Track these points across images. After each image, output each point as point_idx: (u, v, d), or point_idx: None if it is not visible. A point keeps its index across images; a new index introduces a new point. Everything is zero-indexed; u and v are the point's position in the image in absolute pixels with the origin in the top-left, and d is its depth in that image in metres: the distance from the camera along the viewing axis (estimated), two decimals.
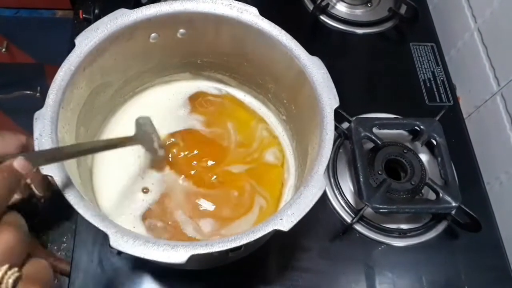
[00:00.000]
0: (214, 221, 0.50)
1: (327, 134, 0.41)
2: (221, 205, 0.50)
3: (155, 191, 0.51)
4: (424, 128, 0.62)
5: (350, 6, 0.78)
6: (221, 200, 0.51)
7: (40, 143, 0.38)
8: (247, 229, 0.37)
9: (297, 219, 0.37)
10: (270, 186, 0.53)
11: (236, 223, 0.50)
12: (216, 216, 0.50)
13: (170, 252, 0.35)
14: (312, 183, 0.39)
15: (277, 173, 0.54)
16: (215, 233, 0.49)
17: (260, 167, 0.54)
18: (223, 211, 0.50)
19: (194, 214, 0.49)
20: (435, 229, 0.60)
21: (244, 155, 0.54)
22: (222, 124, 0.56)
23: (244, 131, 0.56)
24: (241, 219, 0.50)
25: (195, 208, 0.50)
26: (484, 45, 0.70)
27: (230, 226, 0.50)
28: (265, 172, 0.54)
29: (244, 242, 0.36)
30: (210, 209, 0.50)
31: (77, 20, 0.74)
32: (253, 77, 0.55)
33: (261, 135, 0.56)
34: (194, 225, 0.49)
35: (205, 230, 0.49)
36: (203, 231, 0.49)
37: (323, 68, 0.45)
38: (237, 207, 0.51)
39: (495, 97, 0.67)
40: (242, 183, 0.52)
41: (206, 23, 0.48)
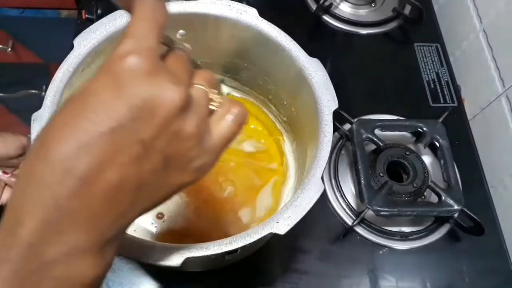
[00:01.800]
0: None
1: (325, 137, 0.41)
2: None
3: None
4: (427, 129, 0.62)
5: (353, 6, 0.78)
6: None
7: None
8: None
9: (294, 223, 0.37)
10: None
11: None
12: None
13: (166, 255, 0.35)
14: (309, 186, 0.39)
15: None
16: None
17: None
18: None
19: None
20: (438, 232, 0.59)
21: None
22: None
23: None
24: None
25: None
26: (490, 46, 0.69)
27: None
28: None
29: (240, 245, 0.36)
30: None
31: (80, 20, 0.74)
32: (254, 78, 0.54)
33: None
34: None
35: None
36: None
37: (322, 70, 0.44)
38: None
39: (500, 98, 0.66)
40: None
41: (205, 24, 0.48)
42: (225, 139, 0.27)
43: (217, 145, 0.27)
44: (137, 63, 0.22)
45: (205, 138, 0.26)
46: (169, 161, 0.24)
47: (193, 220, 0.52)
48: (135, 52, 0.22)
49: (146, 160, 0.23)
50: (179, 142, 0.24)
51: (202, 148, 0.25)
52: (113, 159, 0.22)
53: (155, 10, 0.24)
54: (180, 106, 0.23)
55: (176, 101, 0.23)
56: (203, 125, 0.25)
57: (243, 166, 0.55)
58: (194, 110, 0.24)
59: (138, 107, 0.22)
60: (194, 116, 0.24)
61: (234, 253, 0.38)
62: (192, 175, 0.26)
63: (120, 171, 0.22)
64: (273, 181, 0.55)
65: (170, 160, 0.24)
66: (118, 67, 0.22)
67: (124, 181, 0.22)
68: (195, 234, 0.51)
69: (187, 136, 0.24)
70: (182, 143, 0.24)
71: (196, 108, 0.25)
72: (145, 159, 0.23)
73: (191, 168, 0.26)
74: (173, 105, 0.23)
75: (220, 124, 0.27)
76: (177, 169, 0.25)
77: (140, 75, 0.22)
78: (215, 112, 0.27)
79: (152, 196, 0.25)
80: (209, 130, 0.26)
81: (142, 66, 0.22)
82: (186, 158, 0.25)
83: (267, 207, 0.54)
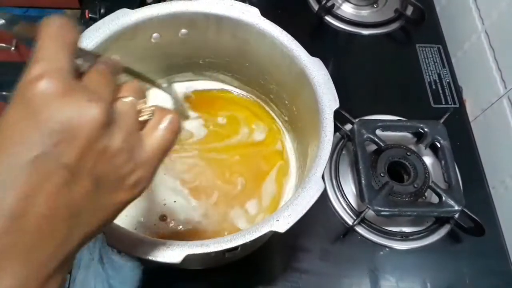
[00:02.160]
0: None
1: (326, 136, 0.41)
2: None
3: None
4: (428, 130, 0.62)
5: (356, 7, 0.78)
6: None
7: None
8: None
9: (294, 221, 0.37)
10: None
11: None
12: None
13: (166, 252, 0.35)
14: (310, 185, 0.39)
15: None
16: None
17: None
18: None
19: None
20: (438, 233, 0.59)
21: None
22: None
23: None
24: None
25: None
26: (491, 47, 0.69)
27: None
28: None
29: (240, 243, 0.36)
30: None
31: (83, 20, 0.74)
32: (255, 77, 0.55)
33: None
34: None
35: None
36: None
37: (323, 70, 0.45)
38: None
39: (502, 99, 0.66)
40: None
41: (207, 23, 0.48)
42: (160, 149, 0.26)
43: (151, 157, 0.26)
44: (48, 86, 0.21)
45: (136, 152, 0.25)
46: (100, 182, 0.23)
47: (201, 222, 0.52)
48: (45, 75, 0.21)
49: (75, 185, 0.22)
50: (107, 161, 0.23)
51: (134, 162, 0.25)
52: (39, 189, 0.21)
53: (61, 28, 0.23)
54: (101, 123, 0.22)
55: (96, 119, 0.22)
56: (131, 139, 0.25)
57: (248, 156, 0.56)
58: (119, 125, 0.24)
59: (56, 132, 0.21)
60: (120, 131, 0.24)
61: (234, 251, 0.39)
62: (129, 192, 0.25)
63: (49, 200, 0.21)
64: (278, 166, 0.56)
65: (101, 181, 0.23)
66: (29, 93, 0.21)
67: (55, 210, 0.22)
68: (203, 236, 0.51)
69: (114, 152, 0.23)
70: (110, 161, 0.23)
71: (122, 122, 0.24)
72: (74, 183, 0.22)
73: (127, 185, 0.25)
74: (93, 123, 0.22)
75: (152, 134, 0.26)
76: (111, 189, 0.24)
77: (54, 98, 0.21)
78: (147, 123, 0.26)
79: (91, 220, 0.24)
80: (141, 142, 0.26)
81: (54, 89, 0.21)
82: (118, 176, 0.24)
83: (272, 195, 0.54)
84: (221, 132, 0.56)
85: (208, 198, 0.53)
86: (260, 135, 0.57)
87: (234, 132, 0.57)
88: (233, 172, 0.55)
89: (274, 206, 0.53)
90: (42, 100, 0.21)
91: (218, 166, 0.55)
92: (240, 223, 0.52)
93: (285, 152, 0.56)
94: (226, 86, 0.59)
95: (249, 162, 0.55)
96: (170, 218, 0.52)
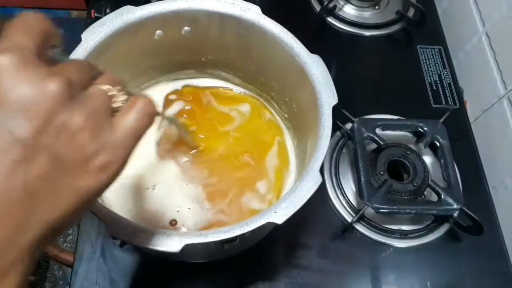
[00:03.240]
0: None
1: (324, 131, 0.42)
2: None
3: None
4: (427, 129, 0.62)
5: (358, 8, 0.79)
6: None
7: None
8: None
9: (291, 213, 0.38)
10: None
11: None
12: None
13: (166, 241, 0.36)
14: (308, 178, 0.39)
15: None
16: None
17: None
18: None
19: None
20: (437, 231, 0.60)
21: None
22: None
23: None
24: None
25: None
26: (492, 49, 0.70)
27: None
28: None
29: (237, 233, 0.37)
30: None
31: (89, 19, 0.76)
32: (256, 75, 0.55)
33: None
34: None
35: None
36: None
37: (322, 66, 0.45)
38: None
39: (502, 100, 0.67)
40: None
41: (210, 21, 0.49)
42: (131, 132, 0.25)
43: (121, 139, 0.24)
44: (6, 59, 0.20)
45: (103, 133, 0.23)
46: (60, 161, 0.22)
47: (215, 220, 0.52)
48: (6, 50, 0.21)
49: (32, 162, 0.20)
50: (68, 138, 0.22)
51: (100, 143, 0.23)
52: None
53: (33, 19, 0.23)
54: (60, 98, 0.21)
55: (55, 93, 0.21)
56: (97, 118, 0.23)
57: (247, 133, 0.57)
58: (84, 103, 0.23)
59: (11, 104, 0.20)
60: (84, 109, 0.22)
61: (233, 242, 0.39)
62: (95, 176, 0.23)
63: (1, 178, 0.20)
64: (277, 141, 0.57)
65: (62, 159, 0.22)
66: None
67: (8, 189, 0.20)
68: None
69: (76, 128, 0.22)
70: (71, 138, 0.22)
71: (88, 102, 0.23)
72: (30, 160, 0.20)
73: (92, 168, 0.23)
74: (51, 97, 0.21)
75: (123, 117, 0.25)
76: (74, 170, 0.22)
77: (11, 70, 0.20)
78: (120, 108, 0.26)
79: (51, 205, 0.22)
80: (110, 125, 0.24)
81: (13, 62, 0.21)
82: (82, 155, 0.22)
83: (275, 167, 0.55)
84: (213, 122, 0.57)
85: (223, 199, 0.53)
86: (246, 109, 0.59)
87: (227, 120, 0.58)
88: (238, 154, 0.55)
89: (279, 186, 0.54)
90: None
91: (224, 155, 0.55)
92: (254, 205, 0.52)
93: (285, 150, 0.57)
94: (227, 84, 0.60)
95: (250, 138, 0.57)
96: (180, 223, 0.51)
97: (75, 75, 0.23)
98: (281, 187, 0.53)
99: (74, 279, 0.53)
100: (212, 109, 0.58)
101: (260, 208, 0.52)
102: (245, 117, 0.58)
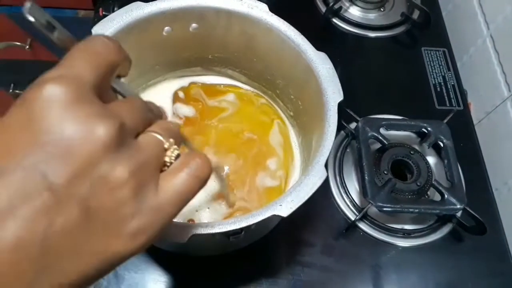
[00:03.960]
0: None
1: (329, 126, 0.42)
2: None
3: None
4: (431, 130, 0.63)
5: (363, 10, 0.79)
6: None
7: None
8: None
9: (296, 206, 0.38)
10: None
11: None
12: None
13: (173, 231, 0.36)
14: (313, 173, 0.40)
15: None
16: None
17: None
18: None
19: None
20: (440, 231, 0.60)
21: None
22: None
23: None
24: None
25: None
26: (496, 51, 0.70)
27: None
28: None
29: (243, 225, 0.37)
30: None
31: (97, 18, 0.76)
32: (262, 73, 0.56)
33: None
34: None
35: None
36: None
37: (329, 63, 0.46)
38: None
39: (506, 102, 0.67)
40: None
41: (217, 18, 0.50)
42: (178, 196, 0.22)
43: (164, 203, 0.21)
44: (56, 91, 0.18)
45: (147, 193, 0.20)
46: (92, 217, 0.18)
47: (236, 208, 0.52)
48: (58, 79, 0.18)
49: (58, 214, 0.17)
50: (106, 192, 0.19)
51: (140, 204, 0.20)
52: (12, 210, 0.17)
53: (101, 45, 0.21)
54: (107, 144, 0.18)
55: (101, 138, 0.18)
56: (143, 175, 0.20)
57: (246, 114, 0.58)
58: (132, 154, 0.20)
59: (49, 144, 0.18)
60: (130, 161, 0.19)
61: (238, 235, 0.40)
62: (127, 241, 0.20)
63: (20, 226, 0.17)
64: (276, 123, 0.58)
65: (93, 216, 0.18)
66: (32, 95, 0.18)
67: (23, 243, 0.17)
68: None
69: (117, 183, 0.19)
70: (110, 193, 0.19)
71: (137, 153, 0.20)
72: (57, 212, 0.17)
73: (126, 231, 0.20)
74: (97, 142, 0.18)
75: (172, 178, 0.22)
76: (105, 231, 0.19)
77: (58, 105, 0.18)
78: (169, 164, 0.22)
79: (71, 266, 0.18)
80: (155, 185, 0.21)
81: (62, 95, 0.18)
82: (117, 216, 0.19)
83: (280, 144, 0.56)
84: (213, 110, 0.58)
85: (243, 187, 0.53)
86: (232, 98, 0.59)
87: (219, 112, 0.58)
88: (238, 132, 0.56)
89: (287, 165, 0.55)
90: (44, 105, 0.18)
91: (229, 143, 0.56)
92: (267, 182, 0.53)
93: (290, 147, 0.57)
94: (233, 82, 0.60)
95: (249, 118, 0.58)
96: (197, 221, 0.50)
97: (129, 117, 0.20)
98: (285, 186, 0.54)
99: None
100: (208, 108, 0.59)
101: (273, 185, 0.53)
102: (236, 105, 0.59)
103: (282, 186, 0.53)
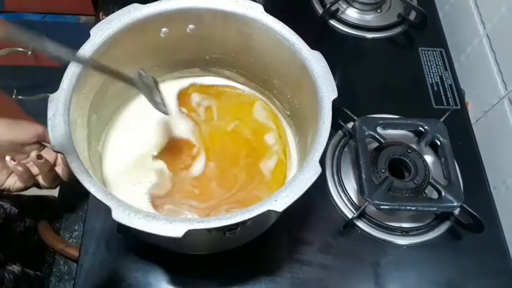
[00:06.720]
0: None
1: (324, 123, 0.43)
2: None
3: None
4: (428, 128, 0.63)
5: (360, 11, 0.80)
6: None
7: (53, 123, 0.41)
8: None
9: (291, 201, 0.38)
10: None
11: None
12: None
13: (168, 226, 0.37)
14: (308, 169, 0.40)
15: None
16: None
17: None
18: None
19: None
20: (438, 229, 0.60)
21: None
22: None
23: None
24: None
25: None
26: (493, 50, 0.71)
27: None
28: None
29: (239, 220, 0.37)
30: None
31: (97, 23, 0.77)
32: (259, 73, 0.57)
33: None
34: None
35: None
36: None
37: (323, 62, 0.47)
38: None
39: (503, 101, 0.67)
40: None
41: (214, 19, 0.51)
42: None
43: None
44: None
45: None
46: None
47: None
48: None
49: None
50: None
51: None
52: None
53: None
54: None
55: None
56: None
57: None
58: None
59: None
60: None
61: (234, 230, 0.40)
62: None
63: None
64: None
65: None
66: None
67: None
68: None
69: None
70: None
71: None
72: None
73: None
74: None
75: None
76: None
77: None
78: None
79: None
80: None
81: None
82: None
83: (275, 138, 0.59)
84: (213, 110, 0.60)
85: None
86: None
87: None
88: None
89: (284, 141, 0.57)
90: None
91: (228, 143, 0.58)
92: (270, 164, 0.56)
93: (287, 147, 0.58)
94: (231, 82, 0.61)
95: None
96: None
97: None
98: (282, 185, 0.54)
99: (79, 273, 0.54)
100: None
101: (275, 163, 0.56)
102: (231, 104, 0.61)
103: (283, 161, 0.57)
